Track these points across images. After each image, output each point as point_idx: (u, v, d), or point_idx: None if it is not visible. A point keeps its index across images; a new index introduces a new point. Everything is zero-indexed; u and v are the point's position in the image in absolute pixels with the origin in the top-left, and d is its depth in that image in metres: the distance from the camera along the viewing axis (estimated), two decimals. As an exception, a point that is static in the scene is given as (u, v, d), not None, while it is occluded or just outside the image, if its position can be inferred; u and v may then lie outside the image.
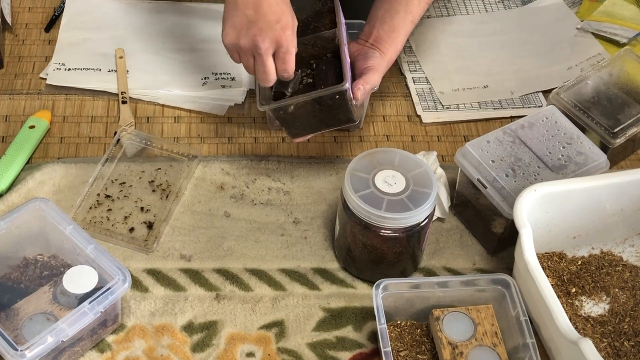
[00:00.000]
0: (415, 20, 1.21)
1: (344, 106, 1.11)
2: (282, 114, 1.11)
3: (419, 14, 1.21)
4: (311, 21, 1.17)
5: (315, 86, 1.12)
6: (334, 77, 1.11)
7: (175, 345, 1.06)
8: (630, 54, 1.29)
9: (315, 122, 1.13)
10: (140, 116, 1.31)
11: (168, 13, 1.46)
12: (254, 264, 1.14)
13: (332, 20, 1.17)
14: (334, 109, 1.11)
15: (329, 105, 1.10)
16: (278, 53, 1.08)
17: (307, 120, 1.13)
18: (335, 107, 1.11)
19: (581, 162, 1.14)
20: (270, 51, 1.08)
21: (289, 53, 1.09)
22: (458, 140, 1.32)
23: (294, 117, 1.12)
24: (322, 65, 1.14)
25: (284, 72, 1.10)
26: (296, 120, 1.13)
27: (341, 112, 1.12)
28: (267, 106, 1.11)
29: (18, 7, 1.48)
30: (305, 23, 1.17)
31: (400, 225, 1.05)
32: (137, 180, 1.22)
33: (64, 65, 1.36)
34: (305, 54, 1.15)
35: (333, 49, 1.15)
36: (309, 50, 1.15)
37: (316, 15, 1.18)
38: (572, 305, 1.10)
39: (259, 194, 1.22)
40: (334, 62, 1.13)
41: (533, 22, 1.51)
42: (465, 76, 1.41)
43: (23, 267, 1.08)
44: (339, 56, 1.13)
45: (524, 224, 1.03)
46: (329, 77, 1.12)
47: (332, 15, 1.17)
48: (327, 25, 1.17)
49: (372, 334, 1.08)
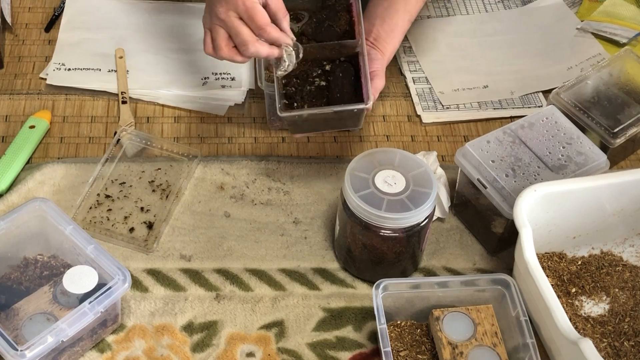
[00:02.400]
0: (412, 19, 1.22)
1: (356, 117, 1.12)
2: (296, 118, 1.11)
3: (417, 12, 1.22)
4: (325, 18, 1.17)
5: (331, 92, 1.12)
6: (350, 87, 1.12)
7: (175, 345, 1.06)
8: (630, 54, 1.29)
9: (322, 125, 1.14)
10: (140, 116, 1.31)
11: (168, 13, 1.46)
12: (254, 264, 1.14)
13: (346, 20, 1.17)
14: (346, 118, 1.12)
15: (343, 115, 1.10)
16: (242, 14, 1.04)
17: (315, 124, 1.13)
18: (348, 117, 1.11)
19: (581, 162, 1.14)
20: (232, 14, 1.04)
21: (252, 8, 1.03)
22: (458, 140, 1.32)
23: (304, 121, 1.12)
24: (338, 71, 1.14)
25: (258, 30, 1.05)
26: (305, 123, 1.12)
27: (352, 120, 1.13)
28: (287, 113, 1.09)
29: (18, 7, 1.48)
30: (320, 20, 1.17)
31: (400, 225, 1.05)
32: (137, 180, 1.22)
33: (64, 65, 1.36)
34: (321, 56, 1.15)
35: (347, 54, 1.15)
36: (326, 52, 1.15)
37: (330, 12, 1.17)
38: (572, 305, 1.10)
39: (259, 194, 1.22)
40: (350, 70, 1.13)
41: (533, 22, 1.51)
42: (465, 76, 1.41)
43: (23, 267, 1.08)
44: (352, 62, 1.14)
45: (524, 224, 1.03)
46: (344, 85, 1.12)
47: (347, 15, 1.17)
48: (342, 25, 1.16)
49: (372, 334, 1.08)
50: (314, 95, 1.13)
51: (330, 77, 1.14)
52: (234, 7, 1.04)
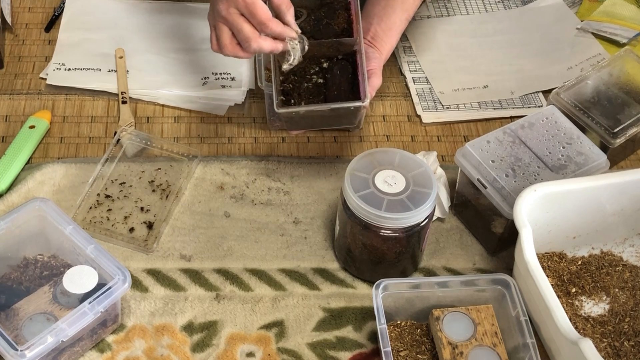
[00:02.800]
0: (409, 18, 1.22)
1: (352, 114, 1.12)
2: (293, 115, 1.11)
3: (414, 11, 1.22)
4: (323, 16, 1.17)
5: (328, 90, 1.12)
6: (347, 84, 1.12)
7: (175, 345, 1.06)
8: (630, 54, 1.29)
9: (318, 122, 1.15)
10: (140, 116, 1.31)
11: (168, 13, 1.46)
12: (254, 264, 1.14)
13: (345, 19, 1.17)
14: (343, 116, 1.12)
15: (340, 113, 1.11)
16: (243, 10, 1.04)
17: (312, 121, 1.14)
18: (344, 115, 1.12)
19: (581, 162, 1.14)
20: (233, 10, 1.04)
21: (252, 4, 1.02)
22: (458, 140, 1.32)
23: (301, 118, 1.12)
24: (336, 69, 1.14)
25: (259, 25, 1.04)
26: (302, 120, 1.13)
27: (348, 118, 1.13)
28: (284, 109, 1.09)
29: (18, 7, 1.48)
30: (318, 18, 1.17)
31: (400, 225, 1.05)
32: (137, 180, 1.22)
33: (64, 65, 1.36)
34: (319, 53, 1.15)
35: (345, 52, 1.15)
36: (323, 50, 1.15)
37: (329, 10, 1.18)
38: (572, 305, 1.10)
39: (259, 194, 1.22)
40: (347, 67, 1.14)
41: (533, 22, 1.51)
42: (465, 76, 1.41)
43: (23, 267, 1.08)
44: (349, 60, 1.14)
45: (524, 224, 1.03)
46: (342, 83, 1.12)
47: (346, 13, 1.17)
48: (340, 23, 1.17)
49: (372, 334, 1.08)
50: (311, 92, 1.13)
51: (328, 74, 1.14)
52: (235, 4, 1.03)
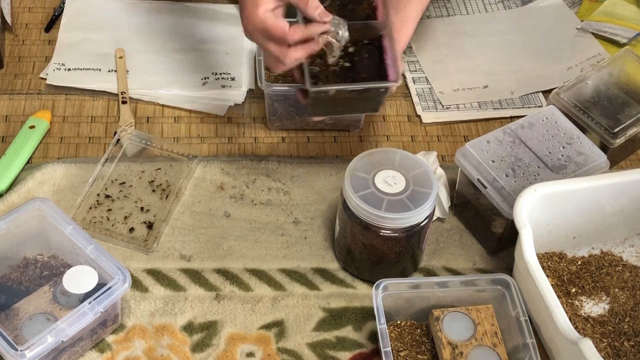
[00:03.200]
0: (424, 9, 1.20)
1: (379, 97, 1.10)
2: (322, 96, 1.09)
3: (428, 2, 1.21)
4: (348, 1, 1.16)
5: (356, 72, 1.10)
6: (374, 68, 1.10)
7: (175, 345, 1.06)
8: (630, 54, 1.29)
9: (343, 106, 1.12)
10: (140, 116, 1.31)
11: (168, 13, 1.46)
12: (254, 264, 1.15)
13: (369, 4, 1.15)
14: (370, 98, 1.10)
15: (368, 95, 1.09)
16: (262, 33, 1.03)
17: (338, 104, 1.11)
18: (372, 97, 1.10)
19: (581, 162, 1.14)
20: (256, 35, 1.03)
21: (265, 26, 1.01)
22: (458, 140, 1.32)
23: (329, 100, 1.10)
24: (364, 52, 1.12)
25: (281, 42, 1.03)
26: (329, 103, 1.10)
27: (374, 102, 1.11)
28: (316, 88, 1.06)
29: (18, 7, 1.48)
30: (343, 3, 1.16)
31: (400, 225, 1.05)
32: (137, 180, 1.22)
33: (64, 66, 1.37)
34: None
35: (371, 36, 1.14)
36: (350, 33, 1.13)
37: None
38: (572, 305, 1.10)
39: (259, 194, 1.22)
40: (374, 51, 1.12)
41: (533, 22, 1.50)
42: (465, 76, 1.41)
43: (23, 267, 1.08)
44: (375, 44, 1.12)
45: (524, 224, 1.03)
46: (370, 66, 1.10)
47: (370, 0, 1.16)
48: (365, 9, 1.15)
49: (372, 334, 1.08)
50: (338, 75, 1.10)
51: (356, 57, 1.12)
52: (252, 27, 1.03)
